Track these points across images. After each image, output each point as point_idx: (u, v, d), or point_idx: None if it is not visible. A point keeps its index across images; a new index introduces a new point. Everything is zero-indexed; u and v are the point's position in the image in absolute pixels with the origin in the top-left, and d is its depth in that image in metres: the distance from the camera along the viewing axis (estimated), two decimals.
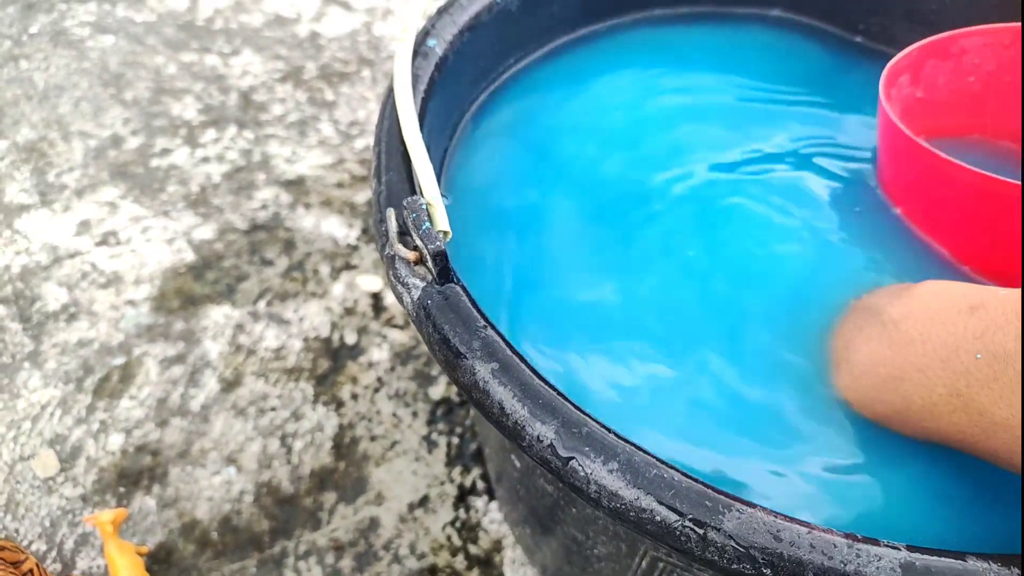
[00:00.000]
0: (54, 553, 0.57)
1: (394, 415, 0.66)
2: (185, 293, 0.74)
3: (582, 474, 0.28)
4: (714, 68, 0.52)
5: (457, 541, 0.60)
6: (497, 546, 0.59)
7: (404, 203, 0.32)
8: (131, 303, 0.73)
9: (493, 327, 0.31)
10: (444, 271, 0.32)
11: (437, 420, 0.66)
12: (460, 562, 0.58)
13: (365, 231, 0.81)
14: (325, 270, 0.77)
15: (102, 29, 1.05)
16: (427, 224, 0.32)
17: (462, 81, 0.47)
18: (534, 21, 0.51)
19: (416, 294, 0.32)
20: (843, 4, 0.57)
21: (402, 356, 0.70)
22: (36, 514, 0.59)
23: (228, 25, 1.07)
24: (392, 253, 0.33)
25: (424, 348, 0.71)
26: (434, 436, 0.65)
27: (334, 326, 0.72)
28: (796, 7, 0.58)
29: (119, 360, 0.69)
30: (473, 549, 0.59)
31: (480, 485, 0.63)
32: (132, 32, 1.05)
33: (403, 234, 0.33)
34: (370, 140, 0.92)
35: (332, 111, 0.96)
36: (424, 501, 0.61)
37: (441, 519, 0.61)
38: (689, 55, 0.52)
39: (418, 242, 0.32)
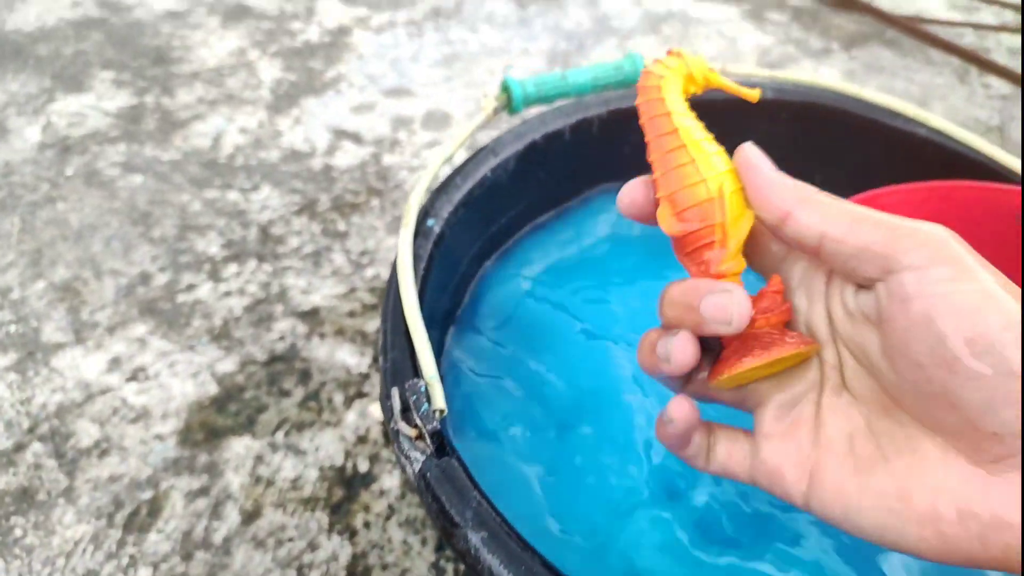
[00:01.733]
0: None
1: (404, 542, 0.70)
2: (209, 426, 0.79)
3: None
4: None
5: None
6: None
7: (406, 385, 0.38)
8: (159, 437, 0.78)
9: (485, 498, 0.36)
10: (440, 447, 0.37)
11: (445, 547, 0.70)
12: None
13: (375, 359, 0.86)
14: (339, 399, 0.82)
15: (131, 169, 1.14)
16: (425, 405, 0.37)
17: (457, 252, 0.53)
18: (524, 189, 0.58)
19: (417, 467, 0.37)
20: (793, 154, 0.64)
21: (411, 483, 0.74)
22: None
23: (248, 161, 1.16)
24: (396, 428, 0.38)
25: None
26: (442, 563, 0.69)
27: (348, 454, 0.77)
28: None
29: (147, 494, 0.73)
30: None
31: None
32: (159, 171, 1.13)
33: (406, 410, 0.38)
34: (379, 269, 0.98)
35: (344, 241, 1.03)
36: None
37: None
38: None
39: (418, 421, 0.37)
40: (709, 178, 0.30)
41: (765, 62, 1.50)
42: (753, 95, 0.33)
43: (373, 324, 0.91)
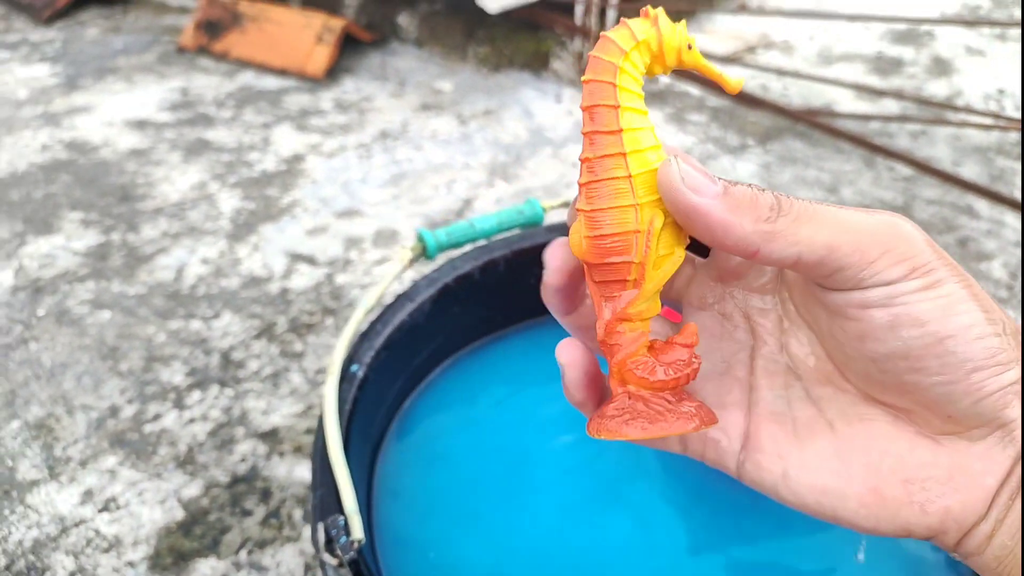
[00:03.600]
0: None
1: None
2: (177, 550, 0.85)
3: None
4: None
5: None
6: None
7: (327, 520, 0.46)
8: (130, 564, 0.84)
9: None
10: (358, 573, 0.44)
11: None
12: None
13: None
14: (298, 514, 0.89)
15: (100, 305, 1.22)
16: (344, 538, 0.45)
17: (382, 391, 0.61)
18: (440, 327, 0.67)
19: None
20: None
21: None
22: None
23: (210, 290, 1.25)
24: (321, 559, 0.46)
25: None
26: None
27: (307, 567, 0.83)
28: None
29: None
30: None
31: None
32: (126, 305, 1.22)
33: (329, 542, 0.46)
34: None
35: (301, 361, 1.11)
36: None
37: None
38: None
39: (338, 552, 0.45)
40: (643, 203, 0.25)
41: None
42: (735, 85, 0.27)
43: None
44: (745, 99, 1.81)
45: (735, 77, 0.26)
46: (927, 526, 0.25)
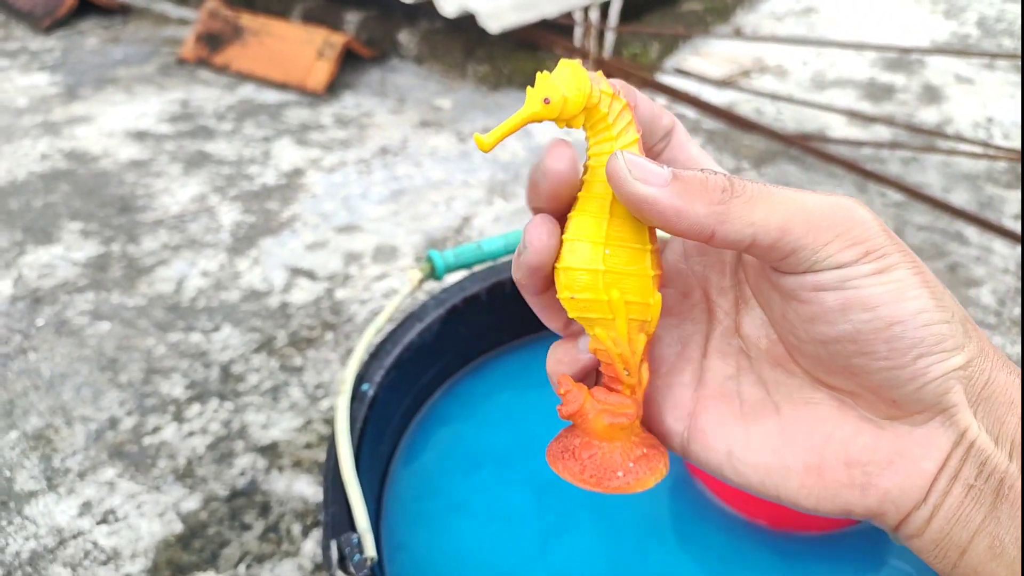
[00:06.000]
0: None
1: None
2: (175, 563, 0.86)
3: None
4: None
5: None
6: None
7: (340, 538, 0.47)
8: None
9: None
10: None
11: None
12: None
13: None
14: (297, 529, 0.89)
15: (99, 316, 1.22)
16: (357, 556, 0.46)
17: (391, 409, 0.62)
18: (448, 347, 0.68)
19: None
20: None
21: None
22: None
23: (210, 303, 1.25)
24: (334, 575, 0.46)
25: None
26: None
27: None
28: None
29: None
30: None
31: None
32: (125, 317, 1.22)
33: (342, 559, 0.47)
34: (334, 400, 1.07)
35: (301, 375, 1.12)
36: None
37: None
38: None
39: (352, 569, 0.45)
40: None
41: None
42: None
43: None
44: (740, 123, 1.84)
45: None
46: (866, 507, 0.26)
